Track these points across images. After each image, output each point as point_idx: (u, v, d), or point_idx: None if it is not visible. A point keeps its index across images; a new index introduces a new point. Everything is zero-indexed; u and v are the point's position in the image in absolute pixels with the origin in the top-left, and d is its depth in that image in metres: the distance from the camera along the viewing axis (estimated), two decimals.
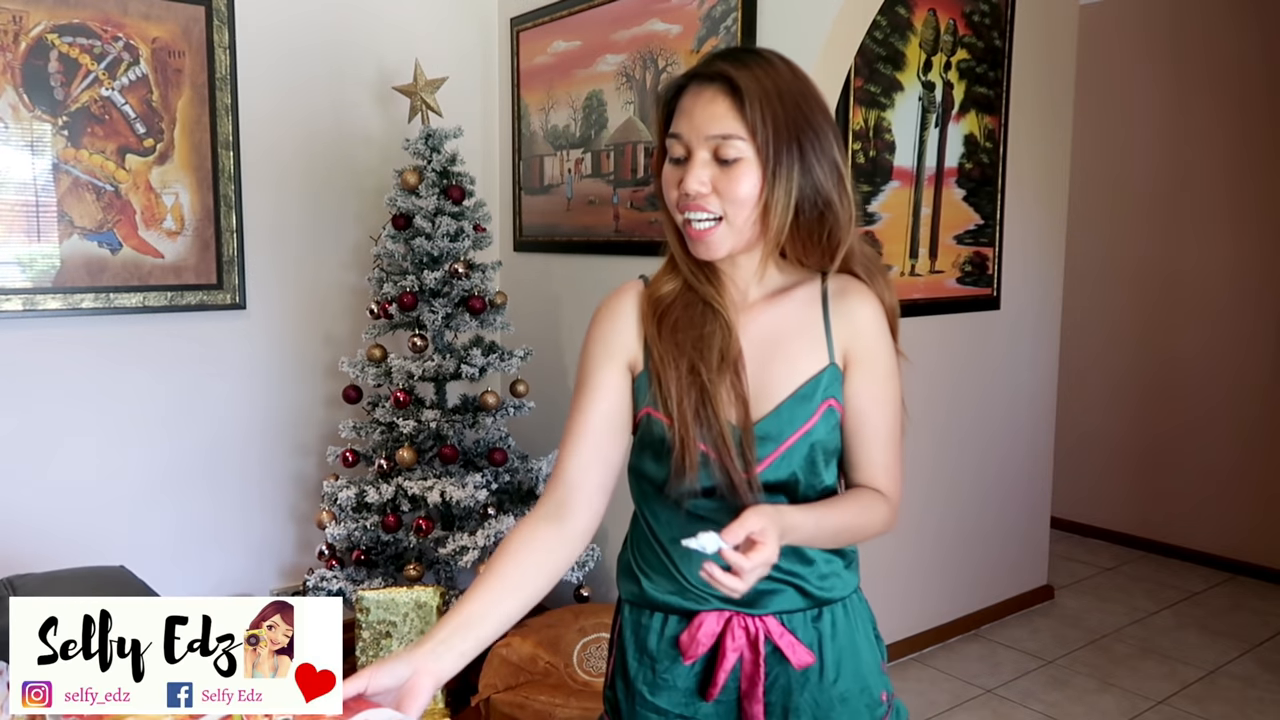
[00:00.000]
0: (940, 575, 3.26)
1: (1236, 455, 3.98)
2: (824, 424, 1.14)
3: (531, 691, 2.37)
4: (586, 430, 1.17)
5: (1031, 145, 3.40)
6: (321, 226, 3.04)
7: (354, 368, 2.75)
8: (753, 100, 1.08)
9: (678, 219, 1.14)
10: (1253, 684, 2.99)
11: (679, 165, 1.13)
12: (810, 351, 1.15)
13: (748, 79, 1.09)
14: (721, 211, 1.10)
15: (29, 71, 2.53)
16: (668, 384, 1.13)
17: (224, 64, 2.79)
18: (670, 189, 1.13)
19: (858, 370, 1.16)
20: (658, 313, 1.18)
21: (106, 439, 2.73)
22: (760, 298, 1.19)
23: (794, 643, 1.15)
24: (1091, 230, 4.40)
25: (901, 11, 2.89)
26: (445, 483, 2.63)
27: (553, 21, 3.06)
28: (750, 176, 1.09)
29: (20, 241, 2.55)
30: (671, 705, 1.19)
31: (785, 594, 1.16)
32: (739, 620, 1.15)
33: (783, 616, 1.16)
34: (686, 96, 1.13)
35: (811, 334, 1.16)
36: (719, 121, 1.09)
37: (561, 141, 3.08)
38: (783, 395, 1.13)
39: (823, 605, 1.18)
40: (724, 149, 1.09)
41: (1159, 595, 3.74)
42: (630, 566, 1.23)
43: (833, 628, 1.18)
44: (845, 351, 1.16)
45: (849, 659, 1.19)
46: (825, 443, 1.14)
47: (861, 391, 1.16)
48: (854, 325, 1.16)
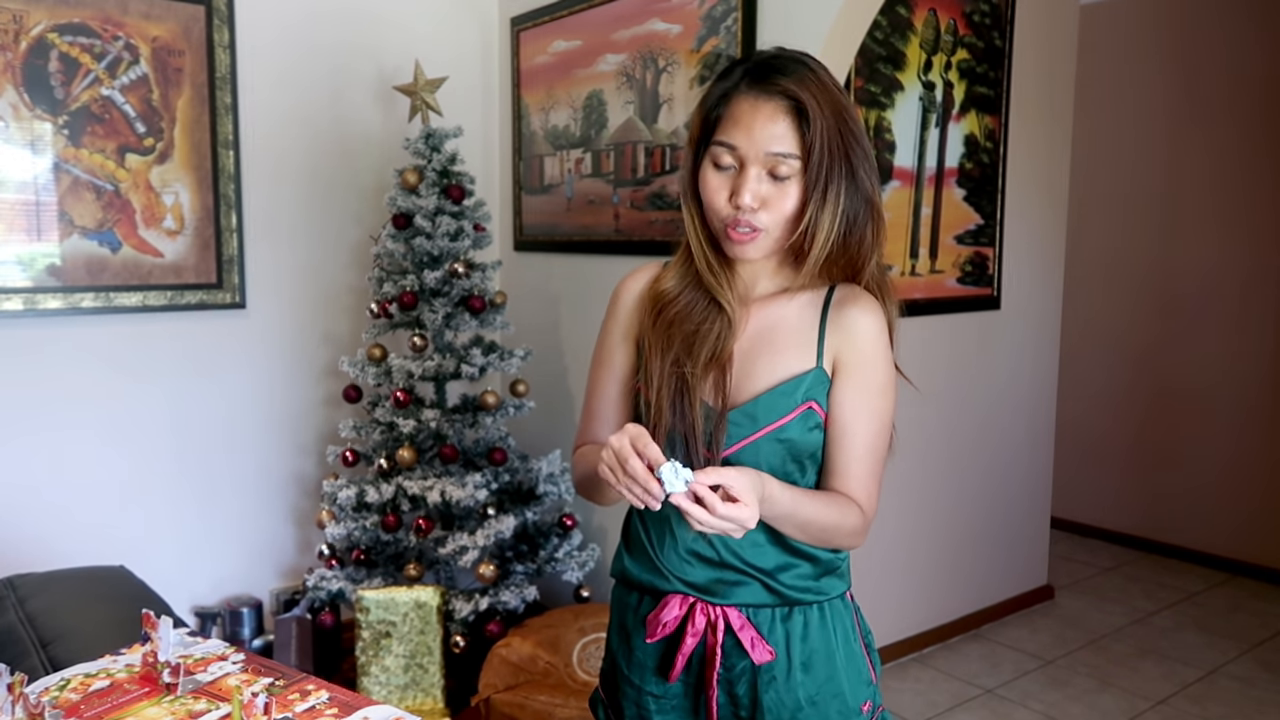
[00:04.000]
0: (940, 575, 3.26)
1: (1236, 455, 3.98)
2: (800, 424, 1.14)
3: (531, 691, 2.37)
4: (604, 397, 1.27)
5: (1031, 145, 3.40)
6: (321, 226, 3.04)
7: (354, 367, 2.75)
8: (815, 123, 1.09)
9: (717, 221, 1.15)
10: (1252, 684, 2.99)
11: (725, 173, 1.13)
12: (799, 352, 1.16)
13: (809, 99, 1.10)
14: (765, 226, 1.12)
15: (29, 71, 2.52)
16: (652, 371, 1.17)
17: (224, 63, 2.79)
18: (717, 194, 1.14)
19: (846, 378, 1.16)
20: (657, 306, 1.21)
21: (106, 438, 2.73)
22: (767, 293, 1.21)
23: (754, 637, 1.16)
24: (1091, 230, 4.40)
25: (902, 11, 2.89)
26: (445, 482, 2.63)
27: (553, 21, 3.06)
28: (796, 194, 1.11)
29: (20, 241, 2.55)
30: (642, 681, 1.23)
31: (750, 587, 1.17)
32: (701, 607, 1.17)
33: (746, 610, 1.17)
34: (741, 106, 1.12)
35: (804, 336, 1.17)
36: (780, 140, 1.10)
37: (561, 141, 3.08)
38: (762, 387, 1.15)
39: (794, 605, 1.18)
40: (779, 167, 1.10)
41: (1159, 595, 3.74)
42: (620, 544, 1.29)
43: (804, 629, 1.19)
44: (836, 358, 1.16)
45: (821, 663, 1.19)
46: (800, 444, 1.15)
47: (846, 400, 1.16)
48: (849, 333, 1.16)
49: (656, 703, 1.23)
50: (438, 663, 2.51)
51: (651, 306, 1.22)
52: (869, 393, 1.16)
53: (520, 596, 2.66)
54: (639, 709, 1.24)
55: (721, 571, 1.17)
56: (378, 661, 2.49)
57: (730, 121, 1.12)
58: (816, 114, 1.09)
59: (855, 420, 1.16)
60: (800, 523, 1.12)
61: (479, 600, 2.61)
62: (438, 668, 2.51)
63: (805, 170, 1.10)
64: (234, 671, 1.22)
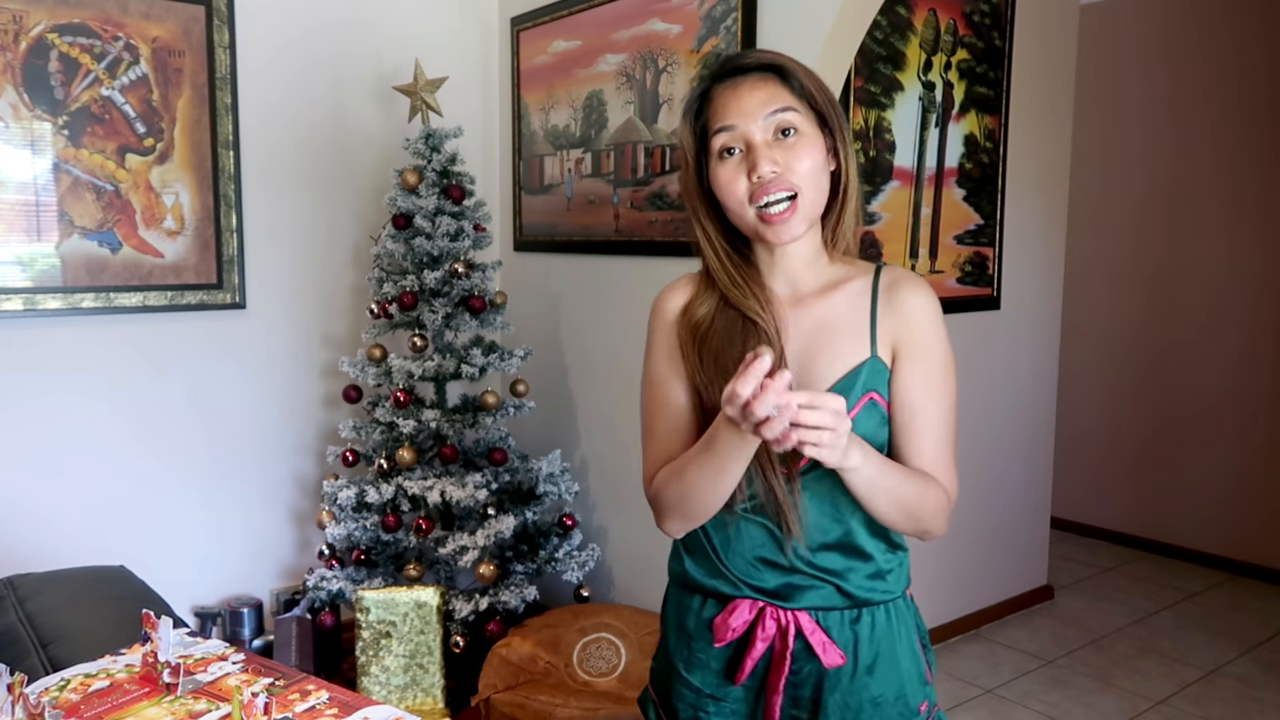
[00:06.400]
0: (940, 575, 3.26)
1: (1236, 455, 3.98)
2: (865, 418, 1.12)
3: (531, 691, 2.37)
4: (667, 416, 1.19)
5: (1031, 145, 3.40)
6: (321, 226, 3.04)
7: (354, 368, 2.75)
8: (798, 73, 1.11)
9: (748, 214, 1.11)
10: (1252, 684, 2.99)
11: (735, 161, 1.11)
12: (854, 343, 1.14)
13: (782, 60, 1.11)
14: (796, 187, 1.09)
15: (29, 71, 2.52)
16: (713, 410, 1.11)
17: (224, 63, 2.79)
18: (735, 186, 1.11)
19: (908, 361, 1.13)
20: (697, 338, 1.17)
21: (106, 438, 2.73)
22: (813, 290, 1.18)
23: (825, 641, 1.14)
24: (1091, 230, 4.40)
25: (901, 11, 2.89)
26: (445, 482, 2.63)
27: (553, 21, 3.06)
28: (813, 147, 1.10)
29: (20, 241, 2.55)
30: (703, 684, 1.22)
31: (822, 590, 1.15)
32: (771, 611, 1.16)
33: (816, 613, 1.16)
34: (722, 93, 1.12)
35: (858, 326, 1.14)
36: (773, 99, 1.09)
37: (561, 141, 3.08)
38: (823, 387, 1.12)
39: (862, 606, 1.17)
40: (783, 122, 1.09)
41: (1159, 595, 3.74)
42: (677, 545, 1.25)
43: (871, 630, 1.17)
44: (893, 344, 1.14)
45: (885, 664, 1.17)
46: (868, 437, 1.11)
47: (912, 383, 1.13)
48: (904, 316, 1.14)
49: (716, 705, 1.21)
50: (438, 663, 2.51)
51: (692, 341, 1.17)
52: (933, 373, 1.13)
53: (520, 596, 2.66)
54: (696, 711, 1.22)
55: (791, 576, 1.16)
56: (378, 661, 2.49)
57: (718, 109, 1.12)
58: (795, 68, 1.11)
59: (924, 403, 1.13)
60: (889, 488, 1.07)
61: (479, 600, 2.61)
62: (438, 668, 2.51)
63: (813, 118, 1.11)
64: (234, 671, 1.22)
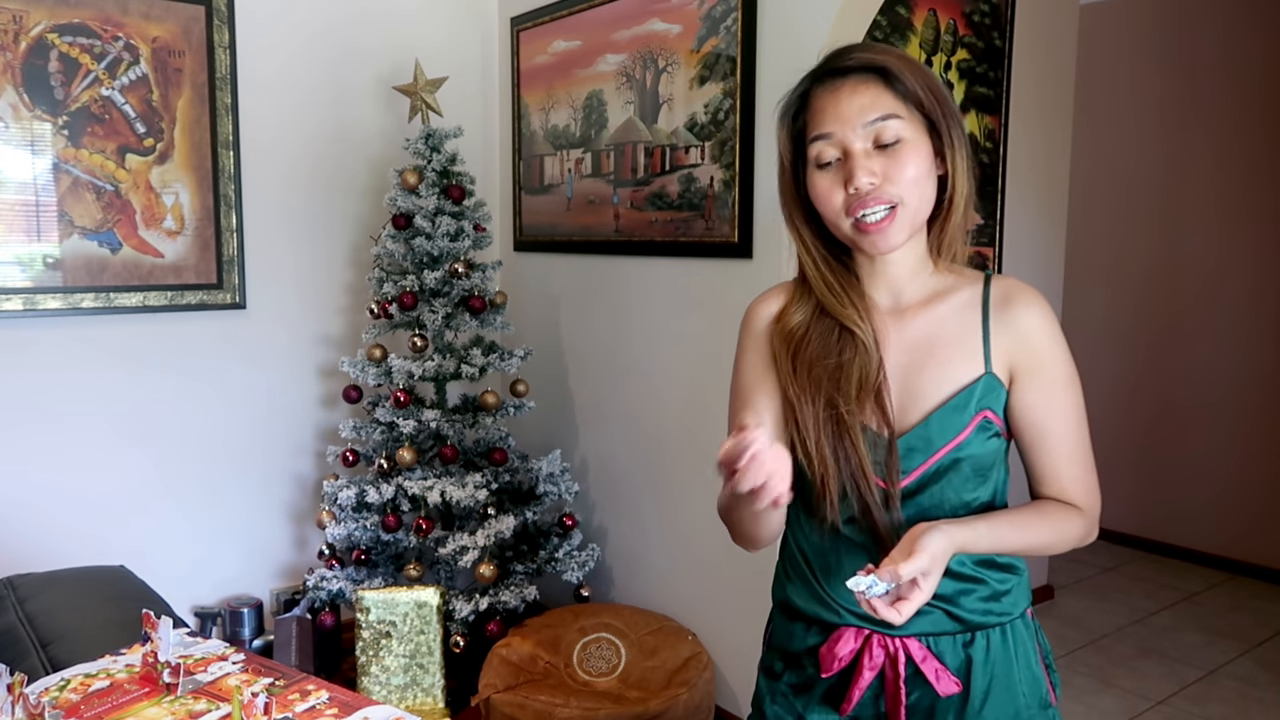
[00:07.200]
0: None
1: (1236, 455, 3.98)
2: (978, 437, 1.07)
3: (531, 691, 2.37)
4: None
5: (1031, 145, 3.40)
6: (321, 226, 3.04)
7: (354, 368, 2.75)
8: (904, 75, 1.04)
9: (844, 224, 1.06)
10: (1253, 684, 2.99)
11: (833, 170, 1.06)
12: (965, 359, 1.08)
13: (887, 59, 1.04)
14: (896, 198, 1.04)
15: (29, 71, 2.52)
16: (805, 423, 1.09)
17: (224, 64, 2.79)
18: (832, 195, 1.06)
19: (1030, 381, 1.09)
20: (790, 346, 1.13)
21: (106, 438, 2.73)
22: (917, 301, 1.13)
23: (938, 668, 1.09)
24: (1091, 230, 4.40)
25: (901, 11, 2.89)
26: (445, 482, 2.63)
27: (553, 21, 3.06)
28: (917, 155, 1.04)
29: (20, 241, 2.55)
30: (809, 711, 1.17)
31: (931, 616, 1.10)
32: (878, 639, 1.11)
33: (927, 639, 1.11)
34: (820, 98, 1.06)
35: (968, 341, 1.09)
36: (874, 105, 1.03)
37: (561, 141, 3.08)
38: (932, 404, 1.07)
39: (975, 629, 1.11)
40: (884, 133, 1.03)
41: (1159, 595, 3.74)
42: (779, 571, 1.23)
43: (986, 654, 1.11)
44: (1010, 361, 1.09)
45: (1001, 689, 1.11)
46: (980, 458, 1.08)
47: (1036, 403, 1.09)
48: (1019, 333, 1.09)
49: None
50: (438, 663, 2.51)
51: (786, 351, 1.12)
52: (1058, 389, 1.10)
53: (520, 596, 2.66)
54: None
55: None
56: (378, 661, 2.49)
57: (816, 114, 1.06)
58: (902, 69, 1.03)
59: (1051, 421, 1.09)
60: (1012, 548, 1.08)
61: (479, 600, 2.61)
62: (438, 668, 2.51)
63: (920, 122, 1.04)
64: (234, 671, 1.22)
